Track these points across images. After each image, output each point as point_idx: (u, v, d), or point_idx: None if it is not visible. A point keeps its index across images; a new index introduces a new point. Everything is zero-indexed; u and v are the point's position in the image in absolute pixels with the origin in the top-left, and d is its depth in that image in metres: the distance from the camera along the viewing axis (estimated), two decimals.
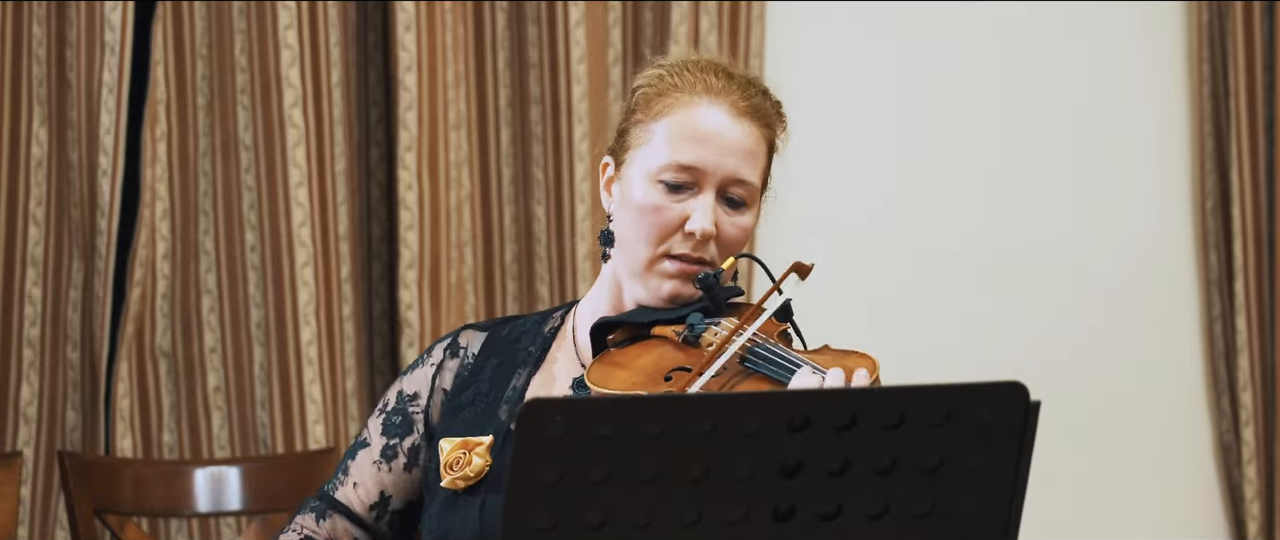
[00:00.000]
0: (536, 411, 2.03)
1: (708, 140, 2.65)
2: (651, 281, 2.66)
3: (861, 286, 4.81)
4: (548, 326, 2.78)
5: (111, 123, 4.19)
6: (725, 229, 2.67)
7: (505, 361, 2.74)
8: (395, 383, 2.78)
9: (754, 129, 2.70)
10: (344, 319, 4.37)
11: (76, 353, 4.26)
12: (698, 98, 2.67)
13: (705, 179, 2.65)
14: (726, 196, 2.68)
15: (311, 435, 4.31)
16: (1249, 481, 5.00)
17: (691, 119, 2.66)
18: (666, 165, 2.65)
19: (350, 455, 2.74)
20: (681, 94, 2.68)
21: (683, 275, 2.65)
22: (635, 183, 2.67)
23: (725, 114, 2.67)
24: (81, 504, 3.72)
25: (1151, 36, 5.00)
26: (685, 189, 2.65)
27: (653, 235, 2.65)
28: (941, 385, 2.08)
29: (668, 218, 2.65)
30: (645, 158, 2.67)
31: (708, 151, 2.65)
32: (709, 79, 2.69)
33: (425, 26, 4.37)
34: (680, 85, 2.68)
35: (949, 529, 2.06)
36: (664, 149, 2.65)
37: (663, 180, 2.65)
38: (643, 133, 2.68)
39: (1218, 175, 5.01)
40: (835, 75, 4.81)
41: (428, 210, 4.39)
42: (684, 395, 2.39)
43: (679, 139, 2.65)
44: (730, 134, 2.67)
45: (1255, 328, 5.00)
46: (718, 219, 2.66)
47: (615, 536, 2.04)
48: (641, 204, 2.65)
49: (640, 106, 2.70)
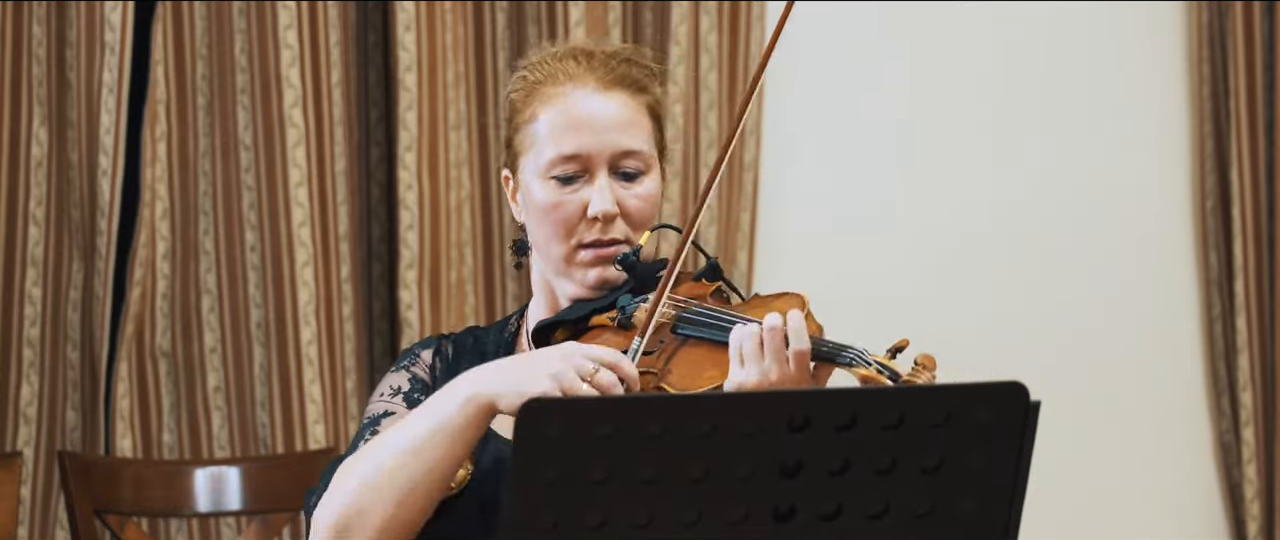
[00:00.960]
0: (536, 411, 2.03)
1: (583, 125, 2.66)
2: (576, 274, 2.67)
3: (861, 286, 4.81)
4: (506, 332, 2.79)
5: (111, 123, 4.19)
6: (628, 203, 2.67)
7: (474, 365, 2.74)
8: (391, 376, 2.74)
9: (626, 97, 2.69)
10: (344, 319, 4.37)
11: (76, 353, 4.26)
12: (561, 87, 2.68)
13: (592, 162, 2.66)
14: (620, 172, 2.68)
15: (311, 435, 4.31)
16: (1249, 481, 5.00)
17: (562, 109, 2.67)
18: (552, 160, 2.66)
19: (374, 425, 2.67)
20: (546, 87, 2.68)
21: (601, 260, 2.66)
22: (532, 186, 2.68)
23: (592, 92, 2.68)
24: (81, 504, 3.72)
25: (1151, 36, 5.00)
26: (577, 178, 2.66)
27: (559, 231, 2.66)
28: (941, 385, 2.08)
29: (569, 211, 2.66)
30: (533, 160, 2.68)
31: (586, 135, 2.66)
32: (567, 65, 2.69)
33: (425, 26, 4.37)
34: (543, 79, 2.69)
35: (949, 529, 2.06)
36: (546, 146, 2.66)
37: (554, 176, 2.66)
38: (525, 137, 2.69)
39: (1218, 175, 5.01)
40: (835, 75, 4.81)
41: (428, 210, 4.39)
42: (684, 395, 2.39)
43: (556, 131, 2.66)
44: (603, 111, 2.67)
45: (1255, 328, 5.00)
46: (618, 197, 2.66)
47: (615, 536, 2.04)
48: (541, 204, 2.66)
49: (515, 113, 2.71)
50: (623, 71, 2.70)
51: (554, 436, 2.02)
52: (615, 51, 2.73)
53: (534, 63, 2.72)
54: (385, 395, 2.72)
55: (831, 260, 4.82)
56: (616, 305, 2.64)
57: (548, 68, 2.70)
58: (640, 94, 2.71)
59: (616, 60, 2.71)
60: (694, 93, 4.57)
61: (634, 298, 2.64)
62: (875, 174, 4.85)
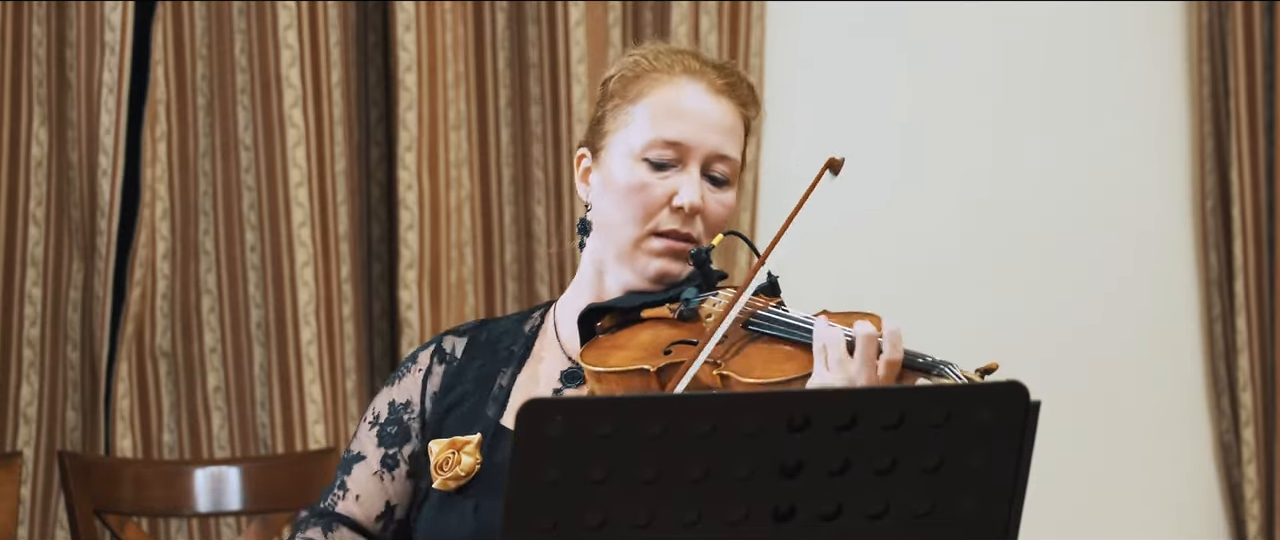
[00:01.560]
0: (536, 411, 2.03)
1: (690, 116, 2.66)
2: (639, 261, 2.65)
3: (860, 286, 4.81)
4: (528, 326, 2.77)
5: (111, 123, 4.19)
6: (710, 206, 2.67)
7: (488, 362, 2.73)
8: (381, 394, 2.75)
9: (732, 106, 2.70)
10: (344, 319, 4.37)
11: (76, 353, 4.26)
12: (677, 77, 2.68)
13: (689, 155, 2.65)
14: (710, 174, 2.67)
15: (311, 435, 4.31)
16: (1249, 481, 5.00)
17: (672, 96, 2.67)
18: (651, 142, 2.65)
19: (345, 470, 2.70)
20: (659, 74, 2.68)
21: (671, 253, 2.65)
22: (618, 165, 2.66)
23: (704, 91, 2.68)
24: (81, 504, 3.72)
25: (1151, 36, 5.00)
26: (669, 166, 2.65)
27: (639, 214, 2.64)
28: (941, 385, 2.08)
29: (654, 195, 2.64)
30: (627, 139, 2.66)
31: (691, 127, 2.65)
32: (686, 60, 2.70)
33: (425, 26, 4.37)
34: (657, 67, 2.69)
35: (949, 529, 2.06)
36: (647, 127, 2.65)
37: (647, 158, 2.65)
38: (622, 116, 2.68)
39: (1218, 175, 5.01)
40: (835, 75, 4.81)
41: (428, 210, 4.39)
42: (684, 395, 2.39)
43: (661, 116, 2.66)
44: (711, 110, 2.67)
45: (1255, 328, 5.00)
46: (703, 195, 2.65)
47: (615, 536, 2.04)
48: (627, 183, 2.65)
49: (617, 92, 2.70)
50: (734, 82, 2.71)
51: (554, 436, 2.02)
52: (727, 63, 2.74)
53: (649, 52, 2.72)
54: (367, 422, 2.73)
55: (832, 260, 4.81)
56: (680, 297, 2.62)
57: (665, 59, 2.70)
58: (743, 108, 2.71)
59: (728, 70, 2.72)
60: None
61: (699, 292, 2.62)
62: (875, 174, 4.84)
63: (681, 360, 2.53)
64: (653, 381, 2.54)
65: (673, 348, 2.57)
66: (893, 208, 4.86)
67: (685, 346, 2.56)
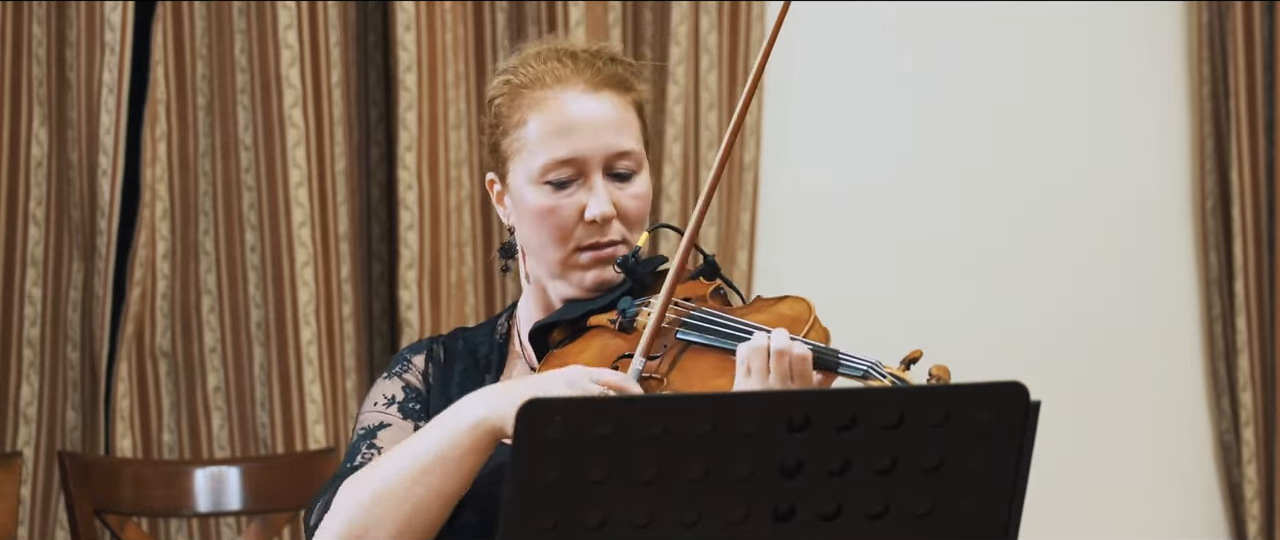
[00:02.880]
0: (536, 412, 2.02)
1: (575, 128, 2.63)
2: (573, 276, 2.65)
3: (860, 285, 4.81)
4: (497, 333, 2.77)
5: (111, 123, 4.19)
6: (624, 204, 2.65)
7: (469, 368, 2.73)
8: (385, 383, 2.73)
9: (615, 97, 2.66)
10: (344, 319, 4.37)
11: (76, 353, 4.26)
12: (550, 89, 2.64)
13: (587, 165, 2.63)
14: (614, 173, 2.65)
15: (311, 435, 4.31)
16: (1249, 481, 5.00)
17: (552, 113, 2.64)
18: (546, 165, 2.63)
19: (370, 436, 2.66)
20: (533, 91, 2.65)
21: (600, 262, 2.64)
22: (524, 191, 2.65)
23: (582, 94, 2.64)
24: (81, 504, 3.72)
25: (1151, 36, 5.00)
26: (571, 182, 2.63)
27: (556, 236, 2.63)
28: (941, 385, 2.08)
29: (565, 216, 2.63)
30: (524, 165, 2.64)
31: (579, 138, 2.63)
32: (553, 67, 2.66)
33: (425, 26, 4.37)
34: (529, 83, 2.65)
35: (949, 529, 2.06)
36: (538, 150, 2.63)
37: (548, 181, 2.63)
38: (513, 142, 2.66)
39: (1218, 175, 5.00)
40: (835, 75, 4.81)
41: (428, 210, 4.39)
42: (684, 395, 2.39)
43: (548, 136, 2.63)
44: (594, 113, 2.64)
45: (1255, 328, 5.00)
46: (613, 198, 2.63)
47: (615, 536, 2.04)
48: (536, 209, 2.64)
49: (501, 118, 2.67)
50: (609, 71, 2.67)
51: (554, 436, 2.02)
52: (598, 50, 2.69)
53: (516, 66, 2.69)
54: (378, 405, 2.71)
55: (832, 261, 4.82)
56: (617, 307, 2.62)
57: (532, 70, 2.66)
58: (628, 92, 2.68)
59: (601, 59, 2.67)
60: (694, 92, 4.57)
61: (634, 300, 2.62)
62: (875, 175, 4.84)
63: None
64: None
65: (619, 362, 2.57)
66: (892, 208, 4.86)
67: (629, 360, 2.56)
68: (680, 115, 4.54)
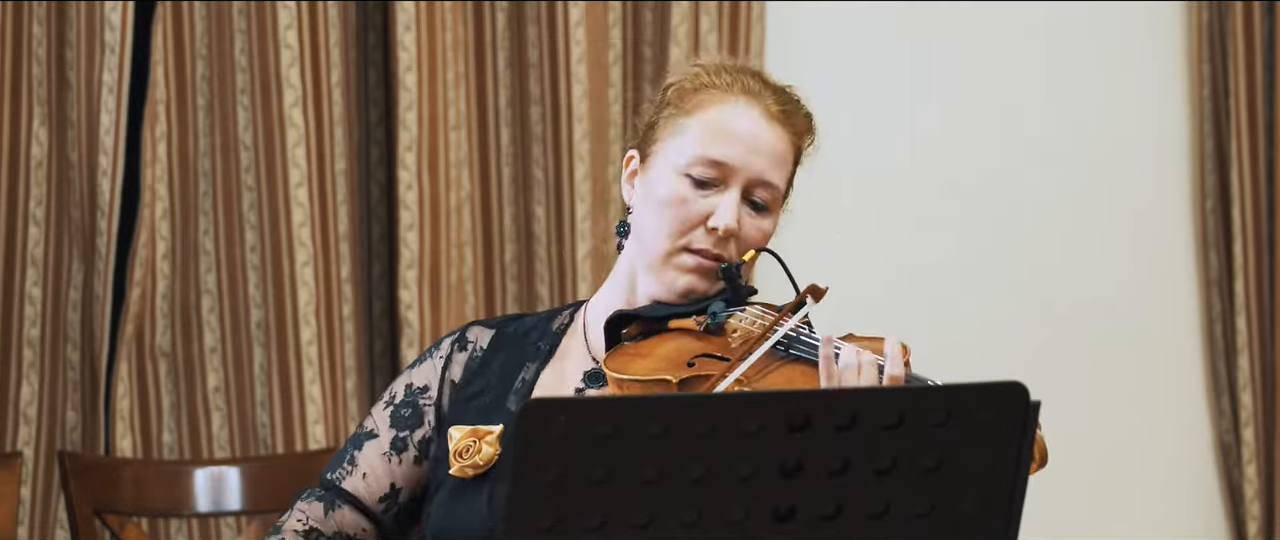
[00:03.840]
0: (537, 411, 2.03)
1: (739, 139, 2.66)
2: (667, 274, 2.65)
3: (860, 286, 4.81)
4: (556, 323, 2.77)
5: (111, 123, 4.19)
6: (746, 229, 2.67)
7: (513, 355, 2.74)
8: (402, 376, 2.76)
9: (785, 134, 2.70)
10: (344, 319, 4.37)
11: (76, 353, 4.26)
12: (734, 97, 2.68)
13: (732, 176, 2.65)
14: (751, 198, 2.67)
15: (311, 435, 4.31)
16: (1249, 481, 5.00)
17: (725, 116, 2.67)
18: (696, 159, 2.65)
19: (354, 445, 2.72)
20: (717, 92, 2.68)
21: (700, 270, 2.65)
22: (661, 175, 2.66)
23: (759, 115, 2.68)
24: (81, 504, 3.72)
25: (1151, 36, 5.00)
26: (711, 185, 2.65)
27: (674, 228, 2.64)
28: (941, 385, 2.08)
29: (691, 211, 2.64)
30: (674, 151, 2.66)
31: (738, 149, 2.65)
32: (746, 80, 2.70)
33: (425, 26, 4.37)
34: (716, 83, 2.69)
35: (949, 529, 2.06)
36: (695, 143, 2.65)
37: (690, 174, 2.65)
38: (674, 126, 2.68)
39: (1218, 175, 5.00)
40: (835, 76, 4.81)
41: (428, 210, 4.39)
42: (684, 395, 2.39)
43: (711, 134, 2.66)
44: (762, 135, 2.68)
45: (1255, 328, 4.99)
46: (740, 218, 2.66)
47: (615, 536, 2.04)
48: (667, 196, 2.65)
49: (673, 101, 2.70)
50: (791, 109, 2.72)
51: (554, 436, 2.02)
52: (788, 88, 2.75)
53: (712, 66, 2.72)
54: (383, 402, 2.74)
55: (831, 260, 4.81)
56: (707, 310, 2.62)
57: (726, 77, 2.70)
58: (796, 136, 2.73)
59: (788, 96, 2.73)
60: None
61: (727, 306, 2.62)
62: (875, 175, 4.84)
63: (705, 373, 2.54)
64: (673, 392, 2.54)
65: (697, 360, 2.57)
66: (892, 208, 4.86)
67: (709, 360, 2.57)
68: None
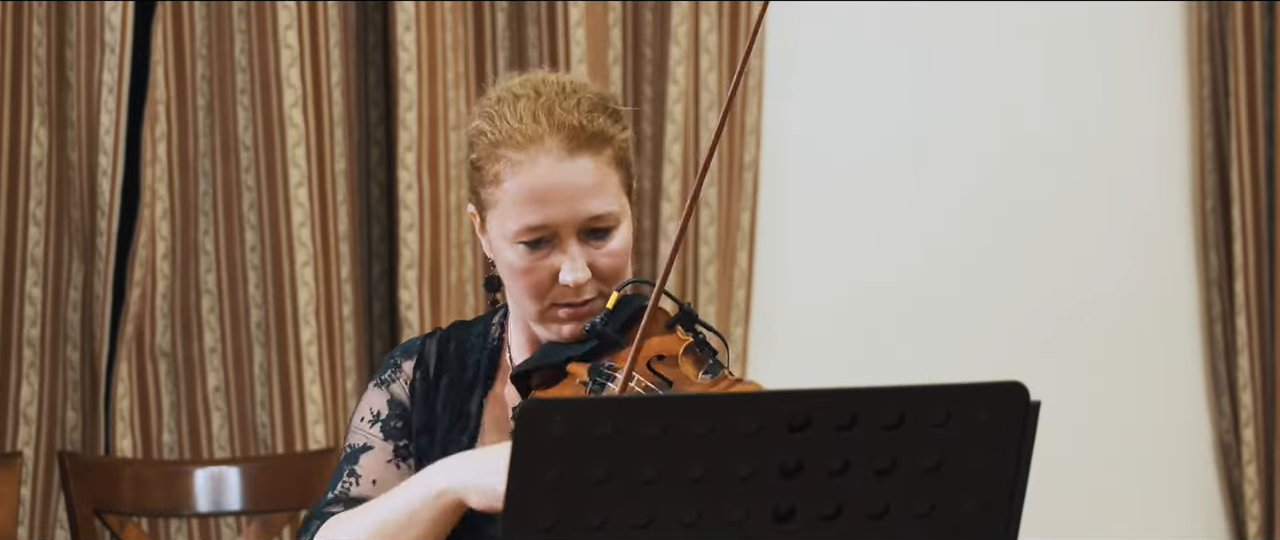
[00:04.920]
0: (536, 411, 2.03)
1: (548, 196, 2.58)
2: (551, 327, 2.64)
3: (860, 286, 4.81)
4: (490, 338, 2.77)
5: (111, 123, 4.19)
6: (599, 264, 2.61)
7: (455, 379, 2.73)
8: (373, 393, 2.74)
9: (590, 159, 2.60)
10: (344, 319, 4.37)
11: (76, 353, 4.26)
12: (524, 151, 2.59)
13: (561, 230, 2.59)
14: (590, 232, 2.61)
15: (311, 435, 4.32)
16: (1249, 481, 5.00)
17: (525, 177, 2.58)
18: (519, 231, 2.59)
19: (351, 461, 2.70)
20: (508, 150, 2.60)
21: (575, 317, 2.62)
22: (499, 245, 2.63)
23: (554, 160, 2.59)
24: (81, 504, 3.72)
25: (1151, 36, 5.00)
26: (545, 243, 2.60)
27: (531, 293, 2.62)
28: (941, 385, 2.08)
29: (540, 276, 2.61)
30: (499, 221, 2.62)
31: (552, 208, 2.58)
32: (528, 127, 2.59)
33: (425, 26, 4.37)
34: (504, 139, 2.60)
35: (949, 529, 2.06)
36: (511, 215, 2.59)
37: (522, 242, 2.60)
38: (489, 197, 2.62)
39: (1218, 175, 5.01)
40: (835, 76, 4.81)
41: (428, 210, 4.39)
42: (684, 395, 2.38)
43: (521, 203, 2.59)
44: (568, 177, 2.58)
45: (1255, 328, 5.00)
46: (589, 260, 2.60)
47: (615, 536, 2.04)
48: (511, 266, 2.62)
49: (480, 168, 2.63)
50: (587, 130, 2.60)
51: (554, 436, 2.02)
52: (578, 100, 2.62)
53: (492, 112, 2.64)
54: (365, 420, 2.72)
55: (831, 260, 4.81)
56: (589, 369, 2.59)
57: (508, 125, 2.61)
58: (605, 148, 2.61)
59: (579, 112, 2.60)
60: (694, 92, 4.57)
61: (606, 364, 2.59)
62: (875, 176, 4.84)
63: None
64: None
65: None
66: (891, 209, 4.86)
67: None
68: (680, 115, 4.54)
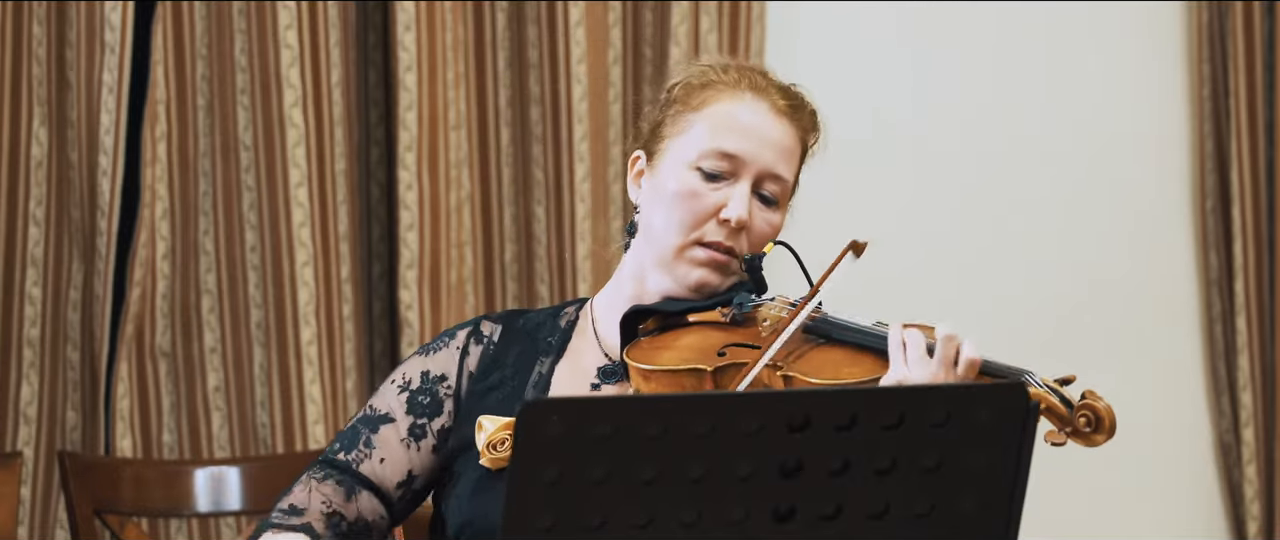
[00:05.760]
0: (536, 412, 2.03)
1: (749, 132, 2.68)
2: (680, 269, 2.67)
3: (860, 287, 4.81)
4: (563, 319, 2.77)
5: (111, 123, 4.19)
6: (757, 223, 2.69)
7: (526, 350, 2.74)
8: (413, 361, 2.74)
9: (792, 129, 2.73)
10: (344, 319, 4.37)
11: (76, 353, 4.26)
12: (742, 92, 2.71)
13: (743, 169, 2.67)
14: (760, 192, 2.70)
15: (311, 435, 4.32)
16: (1249, 481, 5.00)
17: (734, 110, 2.69)
18: (707, 151, 2.67)
19: (370, 427, 2.69)
20: (724, 88, 2.71)
21: (713, 264, 2.66)
22: (671, 170, 2.68)
23: (767, 110, 2.71)
24: (81, 504, 3.72)
25: (1151, 36, 5.00)
26: (722, 178, 2.67)
27: (686, 221, 2.66)
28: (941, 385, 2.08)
29: (703, 204, 2.66)
30: (684, 146, 2.69)
31: (748, 142, 2.68)
32: (753, 77, 2.73)
33: (425, 26, 4.37)
34: (723, 80, 2.72)
35: (949, 529, 2.06)
36: (705, 137, 2.68)
37: (701, 167, 2.67)
38: (682, 123, 2.70)
39: (1218, 175, 5.01)
40: (835, 76, 4.81)
41: (428, 210, 4.39)
42: (684, 395, 2.39)
43: (721, 128, 2.68)
44: (771, 129, 2.70)
45: (1255, 328, 5.00)
46: (751, 211, 2.67)
47: (615, 536, 2.04)
48: (678, 190, 2.66)
49: (680, 98, 2.72)
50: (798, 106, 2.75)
51: (554, 436, 2.02)
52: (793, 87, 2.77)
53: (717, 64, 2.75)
54: (395, 384, 2.72)
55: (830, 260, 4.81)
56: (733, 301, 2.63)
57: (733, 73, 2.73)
58: (802, 131, 2.76)
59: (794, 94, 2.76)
60: None
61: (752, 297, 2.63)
62: (874, 176, 4.84)
63: (738, 362, 2.55)
64: (708, 382, 2.56)
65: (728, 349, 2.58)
66: (891, 209, 4.86)
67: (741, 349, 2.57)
68: None
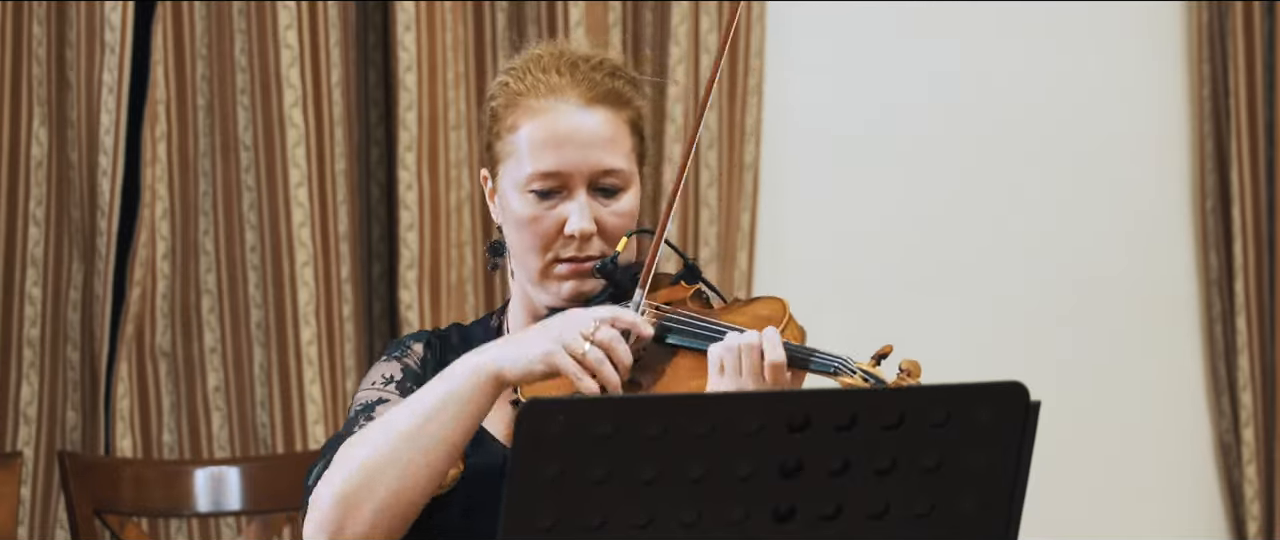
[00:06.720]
0: (537, 411, 2.03)
1: (564, 141, 2.64)
2: (551, 287, 2.68)
3: (860, 287, 4.81)
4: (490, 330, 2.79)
5: (111, 123, 4.19)
6: (605, 221, 2.66)
7: None
8: (385, 364, 2.74)
9: (608, 114, 2.67)
10: (344, 319, 4.37)
11: (76, 353, 4.26)
12: (544, 100, 2.66)
13: (572, 180, 2.65)
14: (599, 188, 2.67)
15: (311, 435, 4.32)
16: (1249, 481, 5.00)
17: (543, 124, 2.65)
18: (531, 176, 2.65)
19: (367, 412, 2.68)
20: (529, 99, 2.66)
21: (577, 274, 2.66)
22: (509, 196, 2.68)
23: (575, 108, 2.66)
24: (81, 504, 3.72)
25: (1151, 36, 5.00)
26: (556, 193, 2.65)
27: (536, 245, 2.66)
28: (941, 385, 2.08)
29: (546, 226, 2.65)
30: (513, 170, 2.67)
31: (566, 153, 2.64)
32: (551, 78, 2.67)
33: (425, 26, 4.37)
34: (526, 90, 2.67)
35: (949, 529, 2.06)
36: (526, 159, 2.65)
37: (532, 190, 2.65)
38: (506, 145, 2.68)
39: (1218, 175, 5.00)
40: (835, 76, 4.81)
41: (428, 210, 4.39)
42: (684, 395, 2.39)
43: (536, 147, 2.64)
44: (584, 128, 2.65)
45: (1255, 328, 4.99)
46: (596, 214, 2.65)
47: (615, 536, 2.04)
48: (518, 216, 2.66)
49: (496, 119, 2.70)
50: (607, 86, 2.68)
51: (554, 436, 2.02)
52: (600, 62, 2.70)
53: (517, 69, 2.70)
54: (377, 384, 2.72)
55: (831, 261, 4.81)
56: None
57: (531, 78, 2.68)
58: (623, 109, 2.69)
59: (601, 72, 2.68)
60: (694, 92, 4.57)
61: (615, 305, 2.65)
62: (873, 175, 4.84)
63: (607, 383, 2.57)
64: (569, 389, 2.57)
65: None
66: (890, 209, 4.85)
67: None
68: (680, 115, 4.54)
